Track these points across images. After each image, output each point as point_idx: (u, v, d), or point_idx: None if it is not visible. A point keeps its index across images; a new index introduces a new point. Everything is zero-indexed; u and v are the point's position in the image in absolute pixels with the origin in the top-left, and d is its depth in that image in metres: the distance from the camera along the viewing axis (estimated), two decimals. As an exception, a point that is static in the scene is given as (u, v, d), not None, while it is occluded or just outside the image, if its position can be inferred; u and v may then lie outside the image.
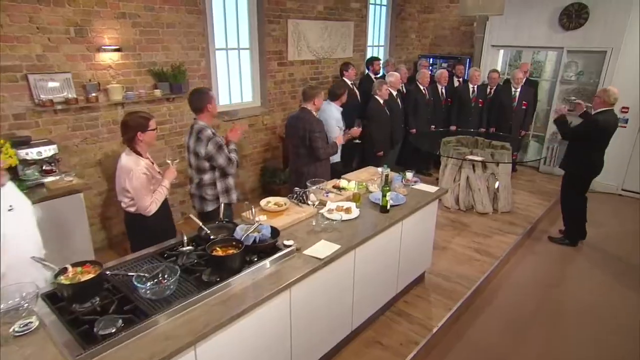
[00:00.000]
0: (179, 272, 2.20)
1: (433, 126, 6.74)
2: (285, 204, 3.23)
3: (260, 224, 2.73)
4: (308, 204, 3.28)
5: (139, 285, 2.05)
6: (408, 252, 3.58)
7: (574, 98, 6.88)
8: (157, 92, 4.39)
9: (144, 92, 4.30)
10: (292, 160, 4.21)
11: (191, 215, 2.85)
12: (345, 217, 3.15)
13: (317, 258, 2.64)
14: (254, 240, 2.60)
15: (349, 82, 6.11)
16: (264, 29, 5.51)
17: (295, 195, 3.40)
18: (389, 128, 5.83)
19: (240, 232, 2.66)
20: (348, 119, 5.95)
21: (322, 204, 3.37)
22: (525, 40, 7.15)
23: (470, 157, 5.32)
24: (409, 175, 3.97)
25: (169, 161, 3.15)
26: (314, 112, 4.05)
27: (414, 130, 6.47)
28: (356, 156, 6.54)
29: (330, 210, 3.22)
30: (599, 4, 6.35)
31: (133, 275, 2.15)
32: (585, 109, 4.46)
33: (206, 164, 3.32)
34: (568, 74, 6.87)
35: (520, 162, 6.61)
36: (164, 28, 4.41)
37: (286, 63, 5.93)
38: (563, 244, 5.04)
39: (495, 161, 5.37)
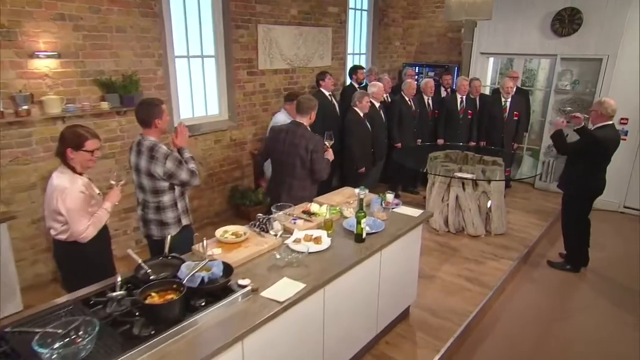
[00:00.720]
0: (97, 327, 1.86)
1: (419, 140, 6.53)
2: (244, 234, 2.91)
3: (211, 260, 2.41)
4: (271, 234, 2.96)
5: (40, 349, 1.70)
6: (389, 286, 3.28)
7: (569, 109, 6.76)
8: (105, 105, 4.07)
9: (88, 105, 3.97)
10: (282, 182, 3.81)
11: (130, 251, 2.51)
12: (314, 248, 2.85)
13: (276, 301, 2.32)
14: (202, 281, 2.28)
15: (326, 93, 5.87)
16: (230, 35, 5.24)
17: (257, 223, 3.09)
18: (370, 142, 5.58)
19: (185, 270, 2.34)
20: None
21: (289, 232, 3.06)
22: (516, 47, 7.04)
23: (459, 174, 5.07)
24: (389, 197, 3.70)
25: (112, 182, 2.83)
26: (308, 128, 3.76)
27: (399, 145, 6.25)
28: (335, 174, 6.29)
29: (297, 241, 2.91)
30: (593, 9, 6.26)
31: (39, 333, 1.80)
32: (583, 123, 4.28)
33: (165, 184, 3.03)
34: (562, 82, 6.75)
35: (513, 179, 6.38)
36: (113, 32, 4.11)
37: (257, 72, 5.68)
38: (564, 270, 4.80)
39: (487, 179, 5.13)
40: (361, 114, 5.43)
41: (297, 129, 3.70)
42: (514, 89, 6.53)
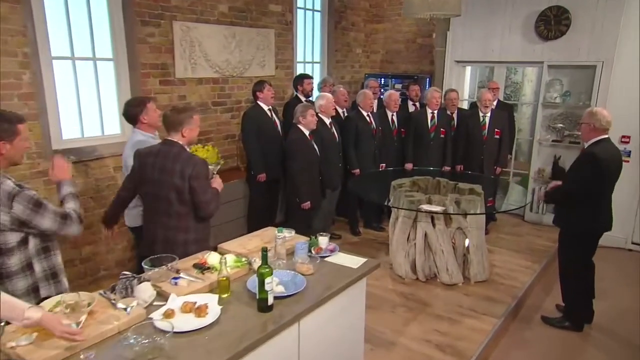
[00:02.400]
0: None
1: (383, 165, 5.98)
2: (88, 306, 2.13)
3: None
4: (127, 306, 2.19)
5: None
6: (315, 372, 2.53)
7: (560, 125, 6.35)
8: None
9: None
10: (154, 220, 3.11)
11: None
12: (191, 324, 2.10)
13: None
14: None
15: (264, 108, 5.24)
16: (135, 33, 4.58)
17: (116, 287, 2.32)
18: (318, 168, 4.98)
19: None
20: (270, 158, 5.17)
21: (164, 297, 2.32)
22: (496, 54, 6.65)
23: (425, 206, 4.43)
24: (322, 241, 3.03)
25: None
26: (187, 147, 3.06)
27: (357, 171, 5.65)
28: (281, 209, 5.60)
29: (167, 313, 2.16)
30: (582, 7, 5.90)
31: None
32: (552, 188, 4.04)
33: (11, 238, 2.26)
34: (551, 94, 6.34)
35: (497, 212, 5.80)
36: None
37: (174, 81, 5.04)
38: (563, 328, 4.17)
39: (462, 212, 4.51)
40: (306, 133, 4.81)
41: (170, 149, 3.00)
42: (495, 103, 6.11)
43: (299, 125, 4.79)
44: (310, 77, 5.94)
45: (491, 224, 6.29)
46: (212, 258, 2.68)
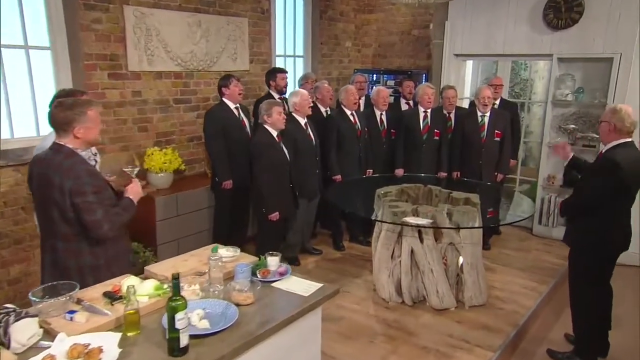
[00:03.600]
0: None
1: (369, 170, 5.67)
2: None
3: None
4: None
5: None
6: None
7: (573, 126, 5.99)
8: None
9: None
10: (43, 242, 2.77)
11: None
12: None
13: None
14: None
15: (231, 106, 4.93)
16: (76, 18, 4.30)
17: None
18: (288, 174, 4.70)
19: None
20: (238, 163, 4.84)
21: (51, 335, 1.97)
22: (500, 46, 6.35)
23: (410, 219, 4.07)
24: (272, 262, 2.68)
25: None
26: (80, 151, 2.67)
27: (338, 178, 5.36)
28: (253, 221, 5.31)
29: None
30: (597, -7, 5.59)
31: None
32: (571, 154, 3.78)
33: None
34: (562, 92, 6.00)
35: (493, 225, 5.50)
36: None
37: (126, 75, 4.76)
38: (571, 364, 3.79)
39: (453, 225, 4.16)
40: (274, 134, 4.50)
41: (54, 156, 2.60)
42: (497, 101, 5.85)
43: (265, 126, 4.51)
44: (285, 72, 5.64)
45: (494, 238, 5.98)
46: (128, 281, 2.32)
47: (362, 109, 6.19)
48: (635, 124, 3.39)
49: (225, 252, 2.75)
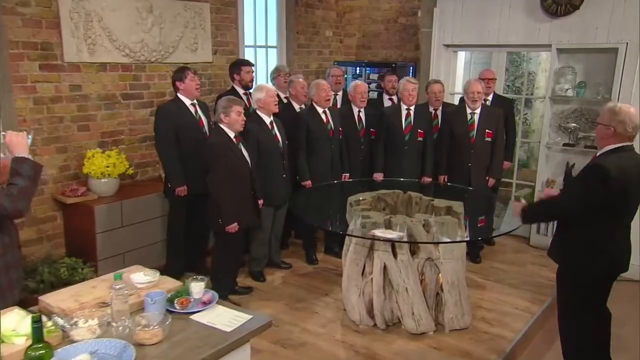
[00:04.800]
0: None
1: (345, 175, 5.47)
2: None
3: None
4: None
5: None
6: None
7: (574, 125, 5.80)
8: None
9: None
10: None
11: None
12: None
13: None
14: None
15: (186, 102, 4.71)
16: (-2, 0, 4.04)
17: None
18: (249, 180, 4.46)
19: None
20: (193, 167, 4.57)
21: None
22: (494, 35, 6.17)
23: (378, 232, 3.83)
24: (195, 288, 2.40)
25: None
26: None
27: (309, 183, 5.17)
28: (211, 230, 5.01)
29: None
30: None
31: None
32: (556, 194, 3.56)
33: None
34: (561, 86, 5.83)
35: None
36: None
37: (62, 67, 4.53)
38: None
39: (431, 239, 3.91)
40: (231, 135, 4.26)
41: None
42: (490, 97, 5.71)
43: (221, 125, 4.27)
44: (250, 64, 5.41)
45: (486, 250, 5.79)
46: (7, 321, 2.04)
47: (339, 105, 6.02)
48: (637, 128, 3.12)
49: (142, 276, 2.47)
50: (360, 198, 4.58)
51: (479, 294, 4.72)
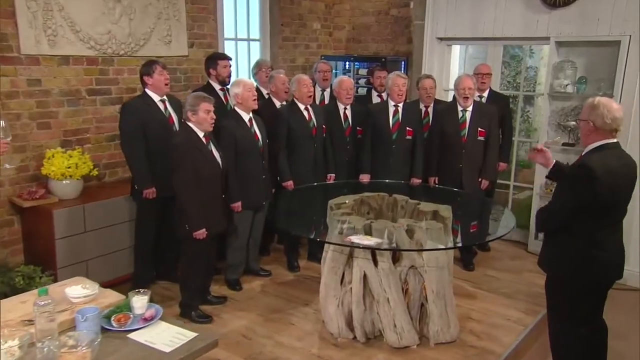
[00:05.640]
0: None
1: (331, 175, 5.38)
2: None
3: None
4: None
5: None
6: None
7: (574, 123, 5.71)
8: None
9: None
10: None
11: None
12: None
13: None
14: None
15: (155, 98, 4.61)
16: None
17: None
18: (219, 183, 4.34)
19: None
20: (163, 168, 4.43)
21: None
22: (490, 28, 6.10)
23: (356, 237, 3.70)
24: (137, 304, 2.24)
25: None
26: None
27: (290, 184, 5.08)
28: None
29: None
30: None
31: None
32: (552, 161, 3.44)
33: None
34: (561, 82, 5.73)
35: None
36: None
37: (18, 59, 4.41)
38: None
39: (413, 247, 3.83)
40: (200, 134, 4.15)
41: None
42: (485, 93, 5.66)
43: (189, 124, 4.14)
44: (227, 58, 5.30)
45: (481, 256, 5.70)
46: None
47: (326, 101, 5.93)
48: (619, 121, 3.12)
49: (79, 290, 2.32)
50: (342, 201, 4.47)
51: (469, 304, 4.61)
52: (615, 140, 3.16)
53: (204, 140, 4.13)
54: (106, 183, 5.06)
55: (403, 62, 6.80)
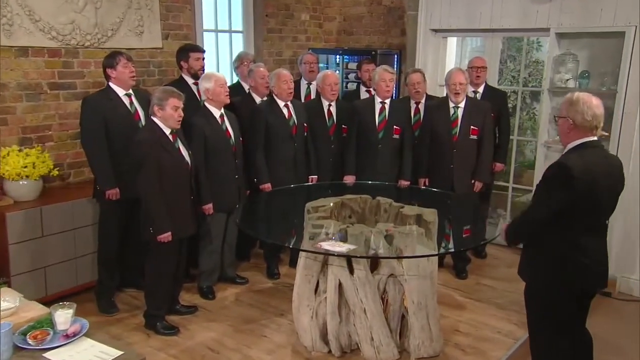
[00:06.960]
0: None
1: (313, 177, 5.33)
2: None
3: None
4: None
5: None
6: None
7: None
8: None
9: None
10: None
11: None
12: None
13: None
14: None
15: (119, 92, 4.54)
16: None
17: None
18: (188, 182, 4.28)
19: None
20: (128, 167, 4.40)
21: None
22: (486, 19, 6.04)
23: (326, 244, 3.60)
24: (59, 319, 2.17)
25: None
26: None
27: (268, 186, 5.01)
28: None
29: None
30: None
31: None
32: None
33: None
34: (561, 76, 5.69)
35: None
36: None
37: None
38: None
39: (392, 254, 3.75)
40: (166, 131, 4.09)
41: None
42: (480, 88, 5.59)
43: (155, 119, 4.07)
44: (200, 50, 5.27)
45: (476, 263, 5.66)
46: None
47: (312, 96, 5.91)
48: (600, 118, 3.09)
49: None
50: (321, 204, 4.38)
51: (456, 315, 4.54)
52: (595, 139, 3.13)
53: (170, 137, 4.06)
54: (71, 184, 4.99)
55: (396, 56, 6.74)
